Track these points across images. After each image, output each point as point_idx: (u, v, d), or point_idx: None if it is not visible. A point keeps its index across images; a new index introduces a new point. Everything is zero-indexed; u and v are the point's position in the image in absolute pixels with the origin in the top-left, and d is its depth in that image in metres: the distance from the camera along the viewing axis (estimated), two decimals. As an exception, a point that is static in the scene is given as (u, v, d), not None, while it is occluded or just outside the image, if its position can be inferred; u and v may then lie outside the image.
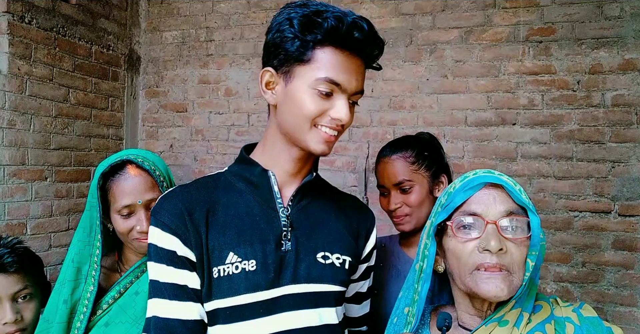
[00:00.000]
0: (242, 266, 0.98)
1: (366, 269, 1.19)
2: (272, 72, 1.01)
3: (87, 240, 1.32)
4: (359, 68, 1.00)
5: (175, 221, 0.98)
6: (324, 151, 1.00)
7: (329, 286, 1.04)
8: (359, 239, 1.14)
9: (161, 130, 3.35)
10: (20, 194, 2.54)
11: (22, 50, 2.51)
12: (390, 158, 1.48)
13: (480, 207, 0.94)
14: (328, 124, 0.99)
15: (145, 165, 1.30)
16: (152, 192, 1.29)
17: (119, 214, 1.29)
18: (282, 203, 1.05)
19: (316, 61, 0.96)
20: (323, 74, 0.95)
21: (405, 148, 1.49)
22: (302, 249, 1.03)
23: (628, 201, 2.50)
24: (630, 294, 2.48)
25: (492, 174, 0.99)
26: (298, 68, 0.98)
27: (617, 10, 2.52)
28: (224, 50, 3.21)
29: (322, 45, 0.96)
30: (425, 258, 1.01)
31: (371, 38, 0.98)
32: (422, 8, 2.83)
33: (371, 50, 1.00)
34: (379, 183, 1.52)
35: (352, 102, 1.02)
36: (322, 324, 1.02)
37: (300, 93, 0.97)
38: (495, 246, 0.89)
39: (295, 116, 0.99)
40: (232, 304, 0.98)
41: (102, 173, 1.29)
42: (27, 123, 2.56)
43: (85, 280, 1.29)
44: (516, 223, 0.93)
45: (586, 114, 2.57)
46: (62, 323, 1.26)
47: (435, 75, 2.81)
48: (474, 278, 0.91)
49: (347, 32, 0.95)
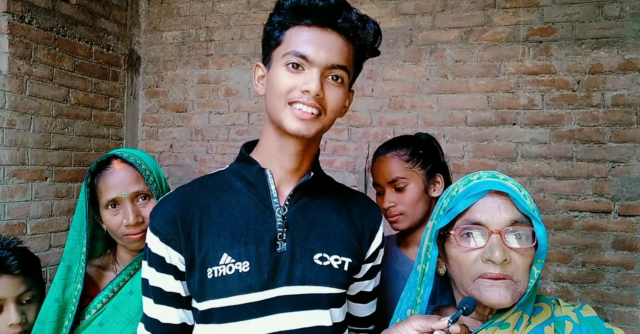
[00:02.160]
0: (235, 267, 0.99)
1: (371, 269, 1.17)
2: (261, 66, 1.06)
3: (77, 239, 1.32)
4: (332, 41, 0.97)
5: (165, 226, 1.01)
6: (299, 129, 0.97)
7: (325, 288, 1.03)
8: (363, 239, 1.12)
9: (161, 130, 3.35)
10: (20, 194, 2.54)
11: (22, 50, 2.51)
12: (385, 156, 1.48)
13: (484, 216, 0.92)
14: (300, 99, 0.96)
15: (130, 159, 1.31)
16: (137, 185, 1.29)
17: (106, 209, 1.30)
18: (278, 203, 1.04)
19: (286, 41, 0.99)
20: (288, 49, 0.97)
21: (400, 146, 1.49)
22: (298, 250, 1.02)
23: (628, 201, 2.50)
24: (630, 294, 2.48)
25: (497, 180, 0.96)
26: (274, 53, 1.01)
27: (617, 10, 2.52)
28: (224, 50, 3.21)
29: (291, 26, 0.98)
30: (427, 261, 1.00)
31: (339, 6, 0.96)
32: (422, 8, 2.83)
33: (345, 21, 0.97)
34: (374, 182, 1.52)
35: (334, 78, 0.99)
36: (316, 326, 1.02)
37: (274, 73, 1.00)
38: (500, 258, 0.87)
39: (272, 95, 1.00)
40: (226, 304, 0.99)
41: (90, 171, 1.30)
42: (27, 123, 2.56)
43: (75, 279, 1.30)
44: (521, 233, 0.91)
45: (586, 114, 2.57)
46: (54, 322, 1.26)
47: (435, 75, 2.81)
48: (477, 286, 0.90)
49: (309, 3, 0.95)
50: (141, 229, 1.29)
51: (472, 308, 0.87)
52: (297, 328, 1.01)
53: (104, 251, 1.45)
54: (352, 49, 1.01)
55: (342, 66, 0.98)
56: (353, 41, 1.00)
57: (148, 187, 1.31)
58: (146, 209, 1.30)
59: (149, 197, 1.32)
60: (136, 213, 1.28)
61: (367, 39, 1.02)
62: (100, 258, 1.42)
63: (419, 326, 0.87)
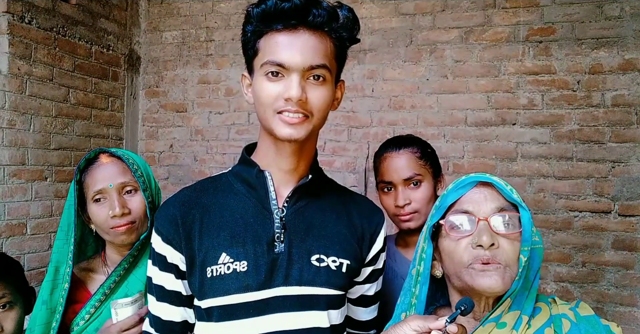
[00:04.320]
0: (233, 266, 1.00)
1: (372, 272, 1.16)
2: (247, 75, 1.07)
3: (64, 238, 1.32)
4: (307, 42, 0.96)
5: (167, 227, 1.05)
6: (291, 134, 0.98)
7: (322, 289, 1.03)
8: (363, 242, 1.12)
9: (161, 130, 3.35)
10: (20, 194, 2.54)
11: (22, 50, 2.51)
12: (397, 153, 1.47)
13: (471, 205, 0.96)
14: (285, 108, 0.97)
15: (118, 153, 1.32)
16: (123, 177, 1.29)
17: (93, 203, 1.29)
18: (277, 204, 1.05)
19: (261, 50, 0.99)
20: (265, 58, 0.97)
21: (411, 144, 1.49)
22: (295, 251, 1.03)
23: (628, 201, 2.50)
24: (630, 294, 2.48)
25: (483, 175, 1.01)
26: (254, 63, 1.02)
27: (617, 10, 2.52)
28: (224, 50, 3.21)
29: (264, 34, 0.98)
30: (422, 260, 1.02)
31: (306, 5, 0.95)
32: (422, 8, 2.83)
33: (316, 17, 0.95)
34: (382, 180, 1.49)
35: (316, 78, 0.98)
36: (312, 327, 1.02)
37: (257, 84, 1.01)
38: (487, 241, 0.91)
39: (259, 106, 1.01)
40: (224, 303, 1.00)
41: (79, 168, 1.30)
42: (27, 123, 2.56)
43: (62, 279, 1.29)
44: (507, 219, 0.94)
45: (586, 114, 2.57)
46: (42, 325, 1.25)
47: (435, 75, 2.81)
48: (470, 273, 0.92)
49: (275, 9, 0.94)
50: (127, 221, 1.28)
51: (470, 308, 0.88)
52: (294, 328, 1.01)
53: (93, 254, 1.43)
54: (330, 42, 1.00)
55: (321, 65, 0.97)
56: (329, 34, 0.99)
57: (135, 180, 1.30)
58: (132, 202, 1.30)
59: (136, 190, 1.31)
60: (122, 204, 1.27)
61: (344, 30, 1.01)
62: (89, 261, 1.40)
63: (417, 326, 0.88)
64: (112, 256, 1.35)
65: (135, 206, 1.30)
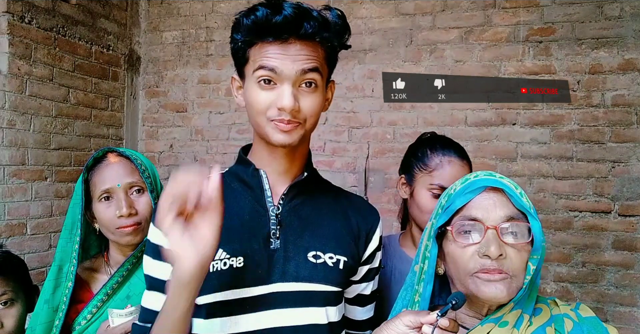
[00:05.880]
0: (230, 262, 1.00)
1: (368, 271, 1.17)
2: (237, 78, 1.07)
3: (68, 237, 1.31)
4: (298, 51, 0.96)
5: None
6: (285, 140, 0.99)
7: (320, 286, 1.04)
8: (359, 240, 1.12)
9: (161, 130, 3.35)
10: (20, 194, 2.54)
11: (22, 50, 2.51)
12: (462, 162, 1.46)
13: (480, 212, 0.94)
14: (278, 118, 0.97)
15: (126, 153, 1.31)
16: (131, 177, 1.29)
17: (100, 202, 1.29)
18: (272, 202, 1.06)
19: (252, 58, 0.99)
20: (256, 65, 0.98)
21: (466, 155, 1.49)
22: (291, 248, 1.04)
23: (628, 201, 2.50)
24: (630, 294, 2.48)
25: (493, 178, 0.98)
26: (245, 69, 1.02)
27: (617, 10, 2.52)
28: (224, 50, 3.20)
29: (254, 43, 0.98)
30: (426, 259, 1.01)
31: (298, 18, 0.94)
32: (422, 8, 2.83)
33: (307, 29, 0.95)
34: (439, 184, 1.39)
35: (308, 84, 0.98)
36: (309, 324, 1.03)
37: (249, 90, 1.01)
38: (495, 252, 0.89)
39: (251, 112, 1.02)
40: (221, 299, 1.00)
41: (87, 167, 1.31)
42: (27, 123, 2.56)
43: (65, 278, 1.28)
44: (516, 228, 0.92)
45: (586, 114, 2.57)
46: (44, 324, 1.24)
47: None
48: (474, 281, 0.91)
49: (266, 21, 0.94)
50: (134, 221, 1.27)
51: (462, 302, 0.88)
52: (292, 324, 1.01)
53: (96, 253, 1.42)
54: (322, 49, 1.01)
55: (314, 68, 0.98)
56: (321, 43, 1.00)
57: (142, 181, 1.30)
58: (139, 202, 1.29)
59: (143, 191, 1.31)
60: (129, 204, 1.27)
61: (335, 37, 1.01)
62: (92, 260, 1.39)
63: (409, 321, 0.88)
64: (116, 256, 1.34)
65: (142, 206, 1.29)
